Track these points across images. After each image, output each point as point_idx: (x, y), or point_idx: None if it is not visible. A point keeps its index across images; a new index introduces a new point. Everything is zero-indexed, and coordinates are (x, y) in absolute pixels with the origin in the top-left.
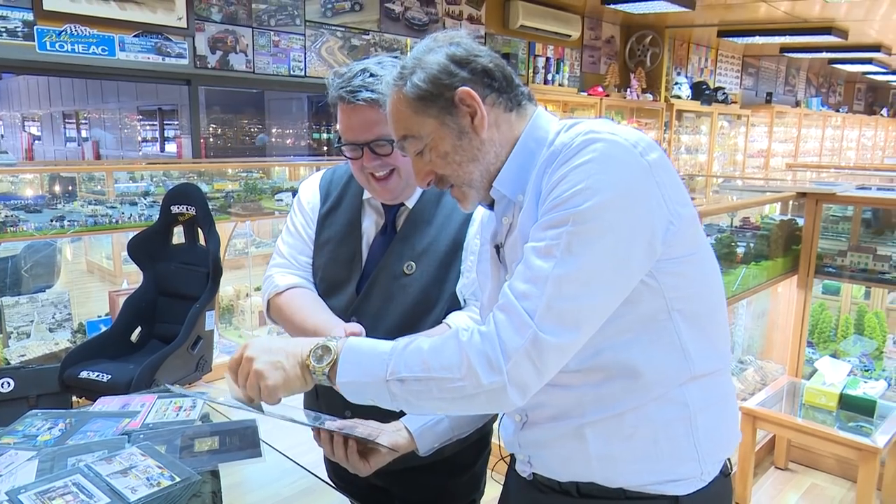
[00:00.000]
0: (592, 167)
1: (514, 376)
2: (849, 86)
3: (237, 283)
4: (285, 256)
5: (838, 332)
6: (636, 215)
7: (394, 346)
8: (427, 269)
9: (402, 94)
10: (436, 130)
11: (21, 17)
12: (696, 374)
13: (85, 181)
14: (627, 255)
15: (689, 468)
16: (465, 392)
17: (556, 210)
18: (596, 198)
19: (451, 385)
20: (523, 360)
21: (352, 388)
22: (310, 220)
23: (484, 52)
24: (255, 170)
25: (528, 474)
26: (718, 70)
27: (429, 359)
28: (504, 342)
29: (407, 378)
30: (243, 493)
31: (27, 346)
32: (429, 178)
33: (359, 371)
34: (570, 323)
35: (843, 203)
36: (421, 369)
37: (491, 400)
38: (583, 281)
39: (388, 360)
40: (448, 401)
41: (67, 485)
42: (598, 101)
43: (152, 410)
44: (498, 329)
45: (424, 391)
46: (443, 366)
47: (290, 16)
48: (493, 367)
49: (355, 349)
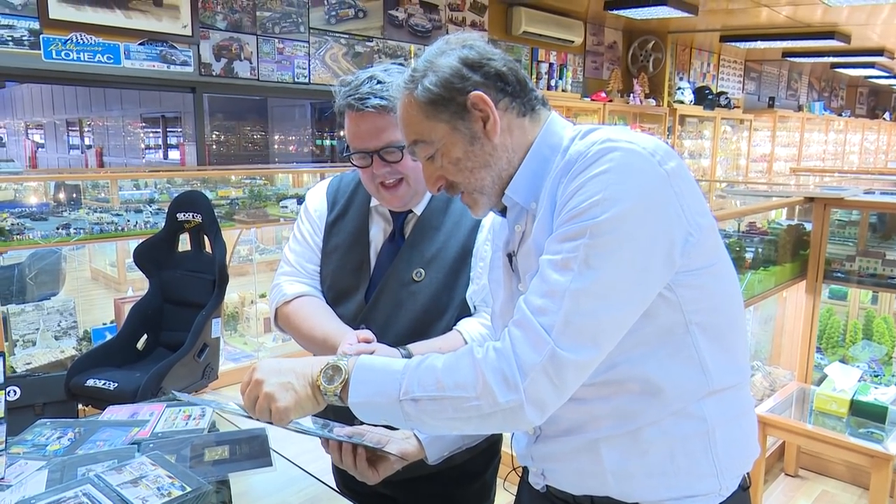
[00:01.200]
0: (610, 177)
1: (531, 394)
2: (851, 90)
3: (242, 290)
4: (293, 264)
5: (847, 337)
6: (655, 226)
7: (406, 364)
8: (436, 276)
9: (413, 97)
10: (447, 135)
11: (27, 25)
12: (715, 388)
13: (89, 189)
14: (646, 266)
15: (708, 484)
16: (481, 411)
17: (572, 222)
18: (614, 209)
19: (467, 404)
20: (541, 377)
21: (365, 408)
22: (317, 227)
23: (497, 56)
24: (259, 177)
25: (541, 487)
26: (721, 75)
27: (443, 377)
28: (520, 359)
29: (421, 398)
30: (252, 502)
31: (33, 354)
32: (439, 184)
33: (371, 391)
34: (588, 339)
35: (851, 208)
36: (435, 388)
37: (507, 419)
38: (601, 295)
39: (401, 379)
40: (463, 420)
41: (78, 495)
42: (601, 107)
43: (161, 419)
44: (514, 345)
45: (439, 411)
46: (457, 384)
47: (294, 23)
48: (510, 386)
49: (367, 368)
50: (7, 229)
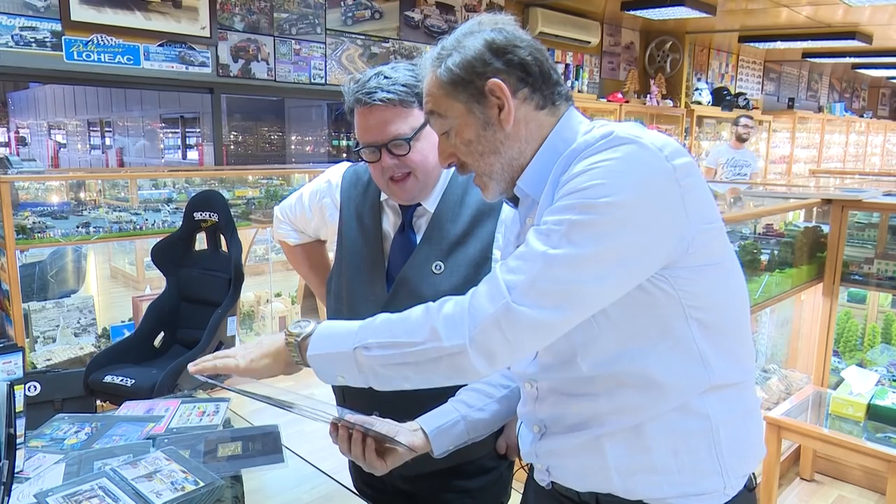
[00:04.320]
0: (613, 165)
1: (479, 342)
2: (873, 91)
3: (258, 289)
4: (290, 222)
5: (865, 341)
6: (648, 218)
7: (366, 321)
8: (456, 269)
9: (437, 75)
10: (462, 116)
11: (50, 27)
12: (716, 383)
13: (109, 188)
14: (629, 255)
15: (712, 482)
16: (427, 356)
17: (566, 197)
18: (611, 197)
19: (414, 349)
20: (491, 327)
21: (320, 361)
22: (316, 212)
23: (525, 43)
24: (276, 176)
25: (546, 483)
26: (739, 75)
27: (395, 325)
28: (474, 308)
29: (372, 345)
30: (265, 498)
31: (53, 351)
32: (451, 160)
33: (328, 344)
34: (550, 301)
35: (869, 210)
36: (387, 335)
37: (454, 365)
38: (574, 265)
39: (356, 331)
40: (412, 366)
41: (94, 488)
42: (617, 108)
43: (176, 415)
44: (472, 297)
45: (388, 357)
46: (407, 330)
47: (310, 24)
48: (457, 330)
49: (330, 325)
50: (28, 227)
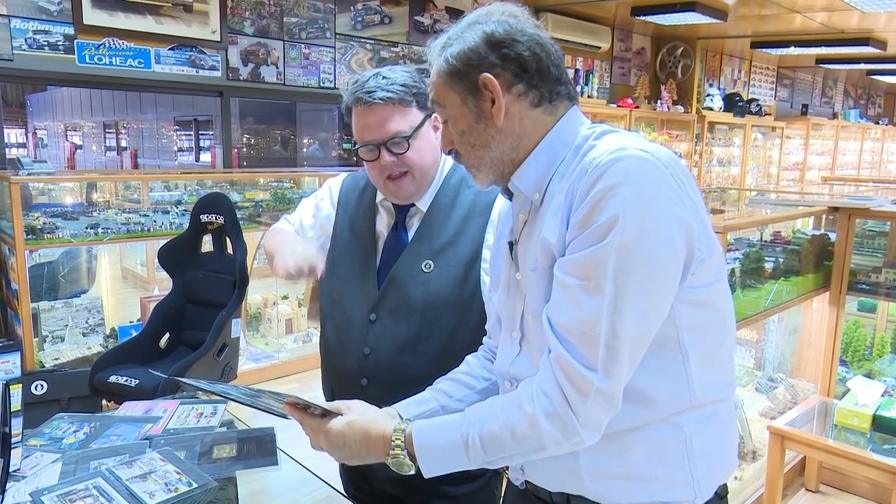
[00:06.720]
0: (626, 191)
1: (588, 425)
2: (889, 97)
3: (265, 292)
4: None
5: (874, 350)
6: (673, 237)
7: (465, 434)
8: (446, 268)
9: (438, 64)
10: (457, 106)
11: (62, 31)
12: (696, 403)
13: (121, 189)
14: (669, 276)
15: (683, 492)
16: (547, 453)
17: (595, 243)
18: (635, 226)
19: (536, 455)
20: (592, 409)
21: (431, 459)
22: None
23: (526, 38)
24: (286, 180)
25: (520, 483)
26: (752, 81)
27: (509, 445)
28: (573, 403)
29: (483, 462)
30: (259, 501)
31: (61, 350)
32: (450, 147)
33: (442, 467)
34: (626, 361)
35: (876, 218)
36: (503, 459)
37: (572, 449)
38: (636, 312)
39: (465, 453)
40: (532, 457)
41: (88, 487)
42: (627, 113)
43: (174, 416)
44: (563, 389)
45: (506, 459)
46: (523, 452)
47: (320, 29)
48: (569, 431)
49: (428, 445)
50: (38, 228)
